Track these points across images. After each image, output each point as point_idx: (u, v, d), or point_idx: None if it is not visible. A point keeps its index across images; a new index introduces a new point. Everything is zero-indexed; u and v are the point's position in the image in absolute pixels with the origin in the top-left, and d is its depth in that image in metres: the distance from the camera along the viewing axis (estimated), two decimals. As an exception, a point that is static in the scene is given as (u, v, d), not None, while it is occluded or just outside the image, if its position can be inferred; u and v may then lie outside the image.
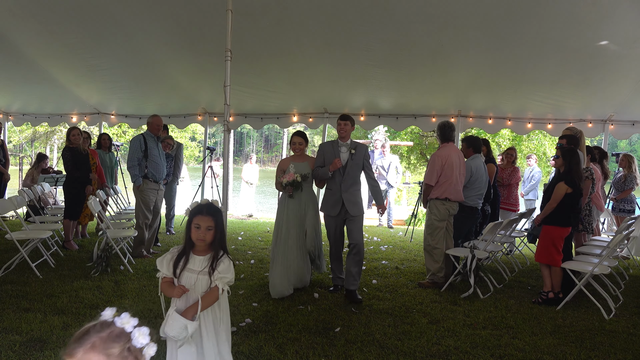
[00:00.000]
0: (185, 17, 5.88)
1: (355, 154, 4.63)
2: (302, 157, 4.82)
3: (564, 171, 4.68)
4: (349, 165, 4.63)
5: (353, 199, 4.66)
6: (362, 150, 4.71)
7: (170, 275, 2.29)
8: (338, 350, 3.36)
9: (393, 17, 5.54)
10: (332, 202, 4.69)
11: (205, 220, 2.28)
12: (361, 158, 4.68)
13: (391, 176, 10.37)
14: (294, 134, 4.82)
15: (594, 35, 5.54)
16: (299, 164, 4.76)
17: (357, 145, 4.72)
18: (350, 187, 4.64)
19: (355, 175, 4.69)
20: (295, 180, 4.58)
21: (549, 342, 3.68)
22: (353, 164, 4.64)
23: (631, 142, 30.80)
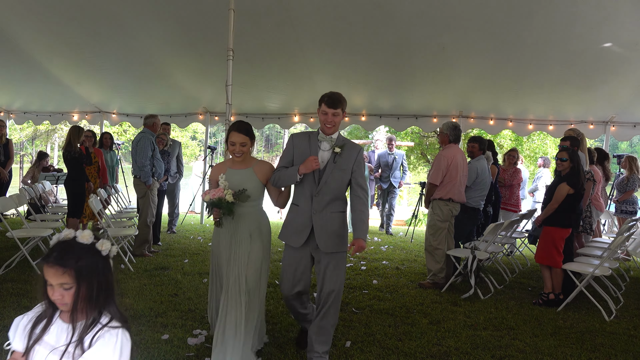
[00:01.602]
0: (187, 17, 5.88)
1: (341, 155, 3.02)
2: (244, 162, 3.17)
3: (567, 172, 4.68)
4: (329, 170, 3.00)
5: (329, 225, 3.01)
6: (352, 151, 3.07)
7: (20, 349, 1.54)
8: (339, 350, 3.36)
9: (394, 19, 5.54)
10: (296, 226, 3.07)
11: (55, 276, 1.43)
12: (350, 162, 3.04)
13: (396, 175, 9.18)
14: (232, 128, 3.13)
15: (596, 37, 5.54)
16: (236, 172, 3.14)
17: (345, 142, 3.10)
18: (328, 205, 3.01)
19: (337, 187, 3.03)
20: (222, 200, 2.97)
21: (549, 343, 3.67)
22: (336, 168, 3.01)
23: (632, 143, 30.78)
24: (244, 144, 3.10)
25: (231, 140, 3.10)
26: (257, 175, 3.16)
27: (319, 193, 3.02)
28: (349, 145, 3.10)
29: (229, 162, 3.26)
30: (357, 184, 3.07)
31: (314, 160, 2.93)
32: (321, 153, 3.04)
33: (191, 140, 30.52)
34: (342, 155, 3.02)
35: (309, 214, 3.03)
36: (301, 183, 3.05)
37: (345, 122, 9.14)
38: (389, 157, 9.13)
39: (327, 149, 3.05)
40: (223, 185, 3.05)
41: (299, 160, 3.04)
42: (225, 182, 3.06)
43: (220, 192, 3.00)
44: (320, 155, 3.03)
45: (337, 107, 2.99)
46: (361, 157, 3.10)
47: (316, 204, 3.02)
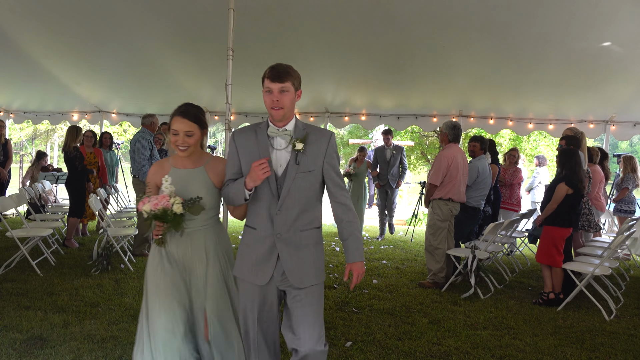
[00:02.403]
0: (186, 16, 5.88)
1: (306, 152, 2.17)
2: (193, 159, 2.45)
3: (565, 172, 4.68)
4: (291, 175, 2.17)
5: (301, 249, 2.21)
6: (320, 141, 2.22)
7: None
8: (339, 350, 3.36)
9: (394, 19, 5.54)
10: (256, 258, 2.22)
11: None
12: (319, 158, 2.21)
13: (394, 173, 8.25)
14: (175, 112, 2.43)
15: (596, 36, 5.53)
16: (182, 172, 2.43)
17: (309, 131, 2.23)
18: (295, 222, 2.20)
19: (306, 195, 2.21)
20: (168, 212, 2.25)
21: (549, 343, 3.67)
22: (300, 171, 2.18)
23: (632, 143, 30.78)
24: (190, 133, 2.35)
25: (173, 128, 2.36)
26: (210, 176, 2.41)
27: (281, 209, 2.14)
28: (314, 134, 2.20)
29: (172, 160, 2.47)
30: (335, 184, 2.22)
31: (260, 166, 2.04)
32: (276, 154, 2.17)
33: (191, 139, 30.48)
34: (306, 152, 2.15)
35: (271, 240, 2.17)
36: (255, 199, 2.19)
37: (345, 122, 9.12)
38: (386, 152, 8.28)
39: (283, 146, 2.17)
40: (168, 191, 2.30)
41: (248, 164, 2.16)
42: (170, 186, 2.32)
43: (164, 201, 2.23)
44: (275, 157, 2.16)
45: (284, 80, 2.09)
46: (333, 145, 2.24)
47: (279, 225, 2.15)
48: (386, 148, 8.30)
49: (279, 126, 2.18)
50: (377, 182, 8.46)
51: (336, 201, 2.26)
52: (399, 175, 8.33)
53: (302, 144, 2.15)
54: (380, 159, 8.34)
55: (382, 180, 8.33)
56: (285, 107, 2.11)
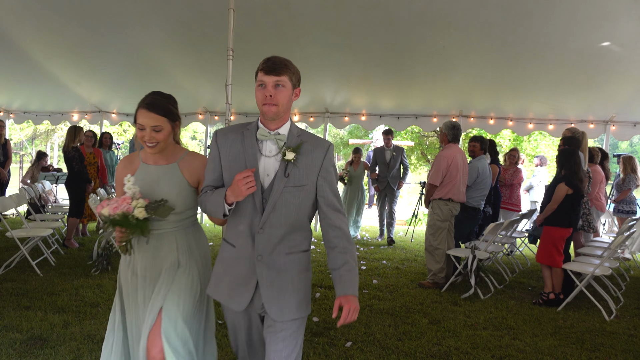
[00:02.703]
0: (187, 16, 5.88)
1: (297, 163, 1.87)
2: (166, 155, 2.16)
3: (565, 172, 4.68)
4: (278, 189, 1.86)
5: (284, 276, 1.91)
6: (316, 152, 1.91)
7: None
8: (339, 350, 3.36)
9: (394, 19, 5.54)
10: (233, 280, 1.95)
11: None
12: (313, 172, 1.90)
13: (394, 175, 7.85)
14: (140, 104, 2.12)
15: (596, 36, 5.53)
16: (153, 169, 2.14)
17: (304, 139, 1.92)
18: (280, 243, 1.90)
19: (294, 213, 1.90)
20: (130, 217, 1.96)
21: (549, 343, 3.67)
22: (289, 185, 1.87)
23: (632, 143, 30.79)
24: (158, 127, 2.04)
25: (139, 123, 2.05)
26: (185, 174, 2.12)
27: (264, 227, 1.84)
28: (310, 143, 1.88)
29: (143, 154, 2.18)
30: (329, 204, 1.89)
31: (244, 180, 1.71)
32: (264, 161, 1.85)
33: (191, 140, 30.53)
34: (298, 164, 1.83)
35: (251, 260, 1.87)
36: (236, 211, 1.90)
37: (345, 122, 9.11)
38: (386, 153, 7.90)
39: (273, 153, 1.86)
40: (131, 192, 1.99)
41: (231, 172, 1.86)
42: (133, 187, 2.00)
43: (125, 204, 1.95)
44: (263, 165, 1.85)
45: (280, 73, 1.78)
46: (330, 159, 1.91)
47: (261, 245, 1.86)
48: (386, 149, 7.93)
49: (270, 128, 1.86)
50: (375, 185, 8.06)
51: (330, 224, 1.89)
52: (401, 176, 7.94)
53: (294, 153, 1.82)
54: (379, 160, 7.96)
55: (381, 184, 7.93)
56: (280, 104, 1.80)
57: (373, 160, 8.13)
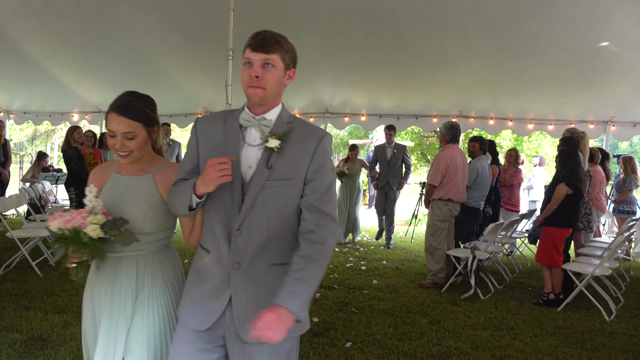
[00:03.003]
0: (187, 17, 5.89)
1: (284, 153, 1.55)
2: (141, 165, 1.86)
3: (565, 173, 4.69)
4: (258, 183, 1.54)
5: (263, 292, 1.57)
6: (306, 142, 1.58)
7: None
8: (339, 351, 3.36)
9: (394, 19, 5.54)
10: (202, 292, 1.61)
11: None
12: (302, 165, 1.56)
13: (395, 174, 7.43)
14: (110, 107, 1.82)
15: (596, 36, 5.54)
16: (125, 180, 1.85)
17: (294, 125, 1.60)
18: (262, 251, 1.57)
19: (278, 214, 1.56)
20: (80, 235, 1.65)
21: (549, 343, 3.67)
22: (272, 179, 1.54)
23: (632, 143, 30.81)
24: (131, 135, 1.75)
25: (109, 129, 1.77)
26: (159, 188, 1.80)
27: (242, 229, 1.54)
28: (301, 130, 1.58)
29: (117, 164, 1.90)
30: (313, 207, 1.54)
31: (219, 166, 1.44)
32: (247, 150, 1.57)
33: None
34: (284, 154, 1.53)
35: (227, 269, 1.56)
36: (212, 208, 1.59)
37: (345, 122, 9.12)
38: (387, 150, 7.48)
39: (258, 141, 1.56)
40: (91, 205, 1.70)
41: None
42: (95, 200, 1.72)
43: (79, 218, 1.65)
44: (245, 154, 1.56)
45: (270, 50, 1.50)
46: (325, 150, 1.58)
47: (239, 250, 1.55)
48: (387, 146, 7.50)
49: (256, 113, 1.57)
50: (375, 183, 7.71)
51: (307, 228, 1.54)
52: (402, 175, 7.50)
53: (279, 141, 1.52)
54: (380, 158, 7.59)
55: (381, 182, 7.56)
56: (268, 87, 1.51)
57: (373, 158, 7.80)
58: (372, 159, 7.89)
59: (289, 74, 1.59)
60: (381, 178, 7.56)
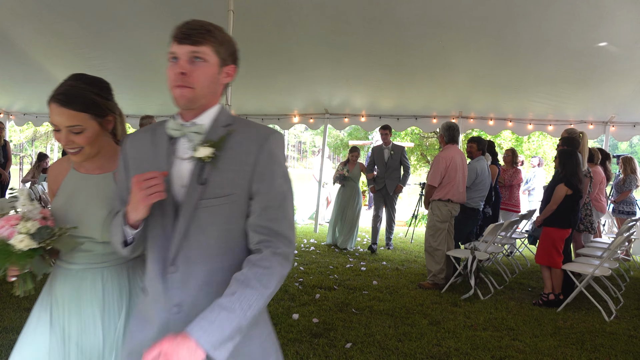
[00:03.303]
0: (186, 18, 5.85)
1: (220, 161, 1.25)
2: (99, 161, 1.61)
3: (564, 173, 4.69)
4: (191, 199, 1.25)
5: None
6: (247, 145, 1.28)
7: None
8: (338, 351, 3.36)
9: (394, 19, 5.55)
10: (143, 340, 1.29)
11: None
12: (244, 172, 1.26)
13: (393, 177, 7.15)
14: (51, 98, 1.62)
15: (595, 36, 5.54)
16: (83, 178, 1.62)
17: (234, 126, 1.31)
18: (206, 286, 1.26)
19: (222, 236, 1.27)
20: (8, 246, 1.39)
21: (549, 344, 3.67)
22: (209, 194, 1.25)
23: (632, 144, 30.83)
24: (78, 128, 1.50)
25: (52, 122, 1.56)
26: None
27: (177, 262, 1.26)
28: (242, 132, 1.30)
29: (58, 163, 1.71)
30: (261, 227, 1.26)
31: (145, 183, 1.20)
32: (178, 165, 1.29)
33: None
34: (220, 164, 1.26)
35: (165, 314, 1.27)
36: (147, 239, 1.33)
37: (345, 123, 9.11)
38: (384, 151, 7.17)
39: (187, 152, 1.29)
40: (25, 209, 1.48)
41: None
42: (29, 203, 1.49)
43: (8, 227, 1.41)
44: (177, 171, 1.29)
45: (198, 42, 1.28)
46: (270, 155, 1.28)
47: (177, 290, 1.26)
48: (384, 147, 7.22)
49: (187, 119, 1.30)
50: (372, 186, 7.31)
51: (253, 248, 1.26)
52: (400, 178, 7.15)
53: (212, 149, 1.23)
54: (377, 159, 7.27)
55: (378, 184, 7.20)
56: (198, 85, 1.24)
57: (370, 160, 7.44)
58: (369, 160, 7.53)
59: (226, 70, 1.32)
60: (378, 181, 7.22)
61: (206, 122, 1.30)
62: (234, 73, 1.37)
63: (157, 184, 1.20)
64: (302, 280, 5.21)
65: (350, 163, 7.52)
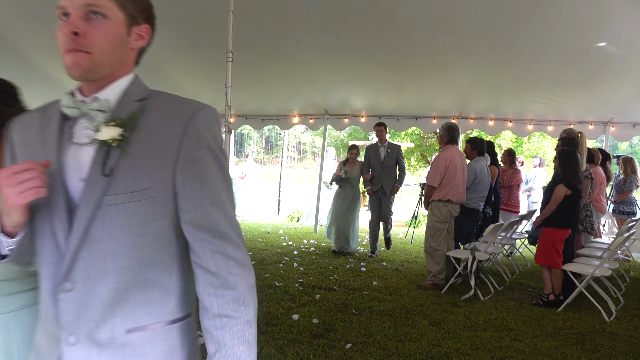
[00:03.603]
0: (186, 19, 5.90)
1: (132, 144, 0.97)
2: None
3: (563, 173, 4.69)
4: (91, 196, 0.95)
5: None
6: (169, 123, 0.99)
7: None
8: (338, 352, 3.36)
9: (394, 19, 5.55)
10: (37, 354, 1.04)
11: None
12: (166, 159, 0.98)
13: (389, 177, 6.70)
14: None
15: (595, 36, 5.54)
16: None
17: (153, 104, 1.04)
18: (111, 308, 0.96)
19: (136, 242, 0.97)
20: None
21: (549, 344, 3.67)
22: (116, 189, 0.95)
23: (632, 144, 30.84)
24: None
25: None
26: None
27: (73, 277, 0.95)
28: (159, 108, 1.04)
29: None
30: (200, 227, 1.01)
31: (14, 176, 0.90)
32: (74, 152, 1.00)
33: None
34: (133, 149, 0.97)
35: (58, 348, 0.97)
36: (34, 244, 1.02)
37: (344, 123, 9.12)
38: (380, 150, 6.77)
39: (87, 135, 0.99)
40: None
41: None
42: None
43: None
44: (72, 160, 1.00)
45: None
46: (198, 136, 1.01)
47: (70, 315, 0.96)
48: (380, 146, 6.78)
49: (88, 94, 1.02)
50: (369, 188, 6.80)
51: (200, 265, 1.01)
52: (396, 179, 6.73)
53: (120, 128, 0.96)
54: (372, 159, 6.78)
55: (374, 186, 6.75)
56: (97, 49, 0.96)
57: (365, 159, 6.94)
58: (364, 160, 6.99)
59: (138, 31, 1.03)
60: (374, 181, 6.76)
61: (113, 97, 1.01)
62: (150, 36, 1.08)
63: (33, 178, 0.90)
64: (302, 281, 5.21)
65: (349, 162, 7.09)
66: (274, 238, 8.02)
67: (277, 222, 10.57)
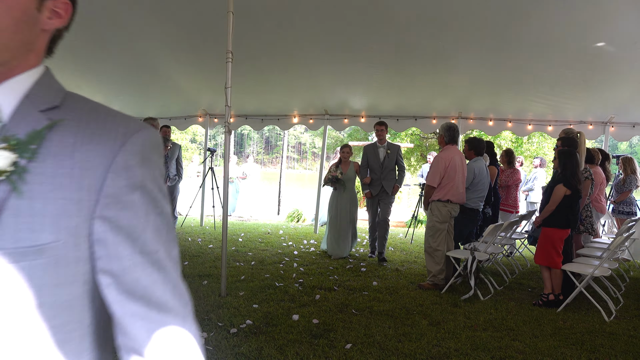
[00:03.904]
0: (186, 19, 5.90)
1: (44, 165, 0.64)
2: None
3: (562, 173, 4.70)
4: None
5: None
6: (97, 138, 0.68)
7: None
8: (338, 352, 3.36)
9: (394, 20, 5.56)
10: None
11: None
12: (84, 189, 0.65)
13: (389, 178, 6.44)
14: None
15: (595, 36, 5.55)
16: None
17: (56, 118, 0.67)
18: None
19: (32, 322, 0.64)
20: None
21: (549, 344, 3.67)
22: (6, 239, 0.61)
23: (631, 144, 30.86)
24: None
25: None
26: None
27: None
28: (77, 125, 0.69)
29: None
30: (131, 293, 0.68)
31: None
32: None
33: (191, 143, 30.56)
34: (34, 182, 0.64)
35: None
36: None
37: (344, 124, 9.12)
38: (379, 150, 6.49)
39: None
40: None
41: None
42: None
43: None
44: None
45: None
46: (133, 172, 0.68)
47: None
48: (379, 146, 6.49)
49: None
50: (368, 191, 6.51)
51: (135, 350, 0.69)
52: (396, 179, 6.49)
53: (14, 154, 0.64)
54: (371, 160, 6.47)
55: (374, 188, 6.45)
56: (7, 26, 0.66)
57: (364, 161, 6.59)
58: (362, 161, 6.63)
59: (52, 6, 0.75)
60: (374, 184, 6.46)
61: (8, 102, 0.68)
62: (69, 14, 0.82)
63: None
64: (302, 281, 5.21)
65: (343, 163, 6.63)
66: (274, 238, 8.02)
67: (277, 223, 10.57)
